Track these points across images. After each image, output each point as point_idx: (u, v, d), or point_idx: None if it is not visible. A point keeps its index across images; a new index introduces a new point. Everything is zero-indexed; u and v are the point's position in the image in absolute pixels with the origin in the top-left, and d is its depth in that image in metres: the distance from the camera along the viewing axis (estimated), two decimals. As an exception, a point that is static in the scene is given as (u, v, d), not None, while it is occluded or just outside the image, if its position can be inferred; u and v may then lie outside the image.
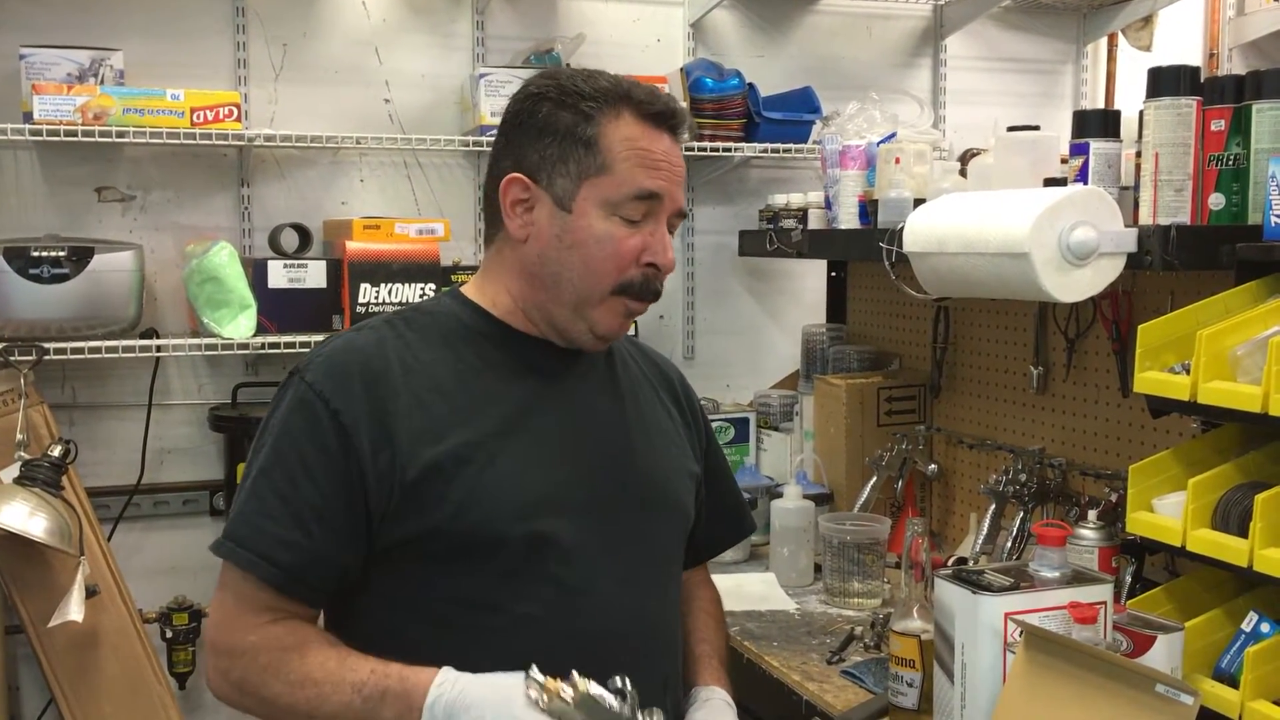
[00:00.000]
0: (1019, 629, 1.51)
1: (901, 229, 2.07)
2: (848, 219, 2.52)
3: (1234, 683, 1.56)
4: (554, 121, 1.42)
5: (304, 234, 2.90)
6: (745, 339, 3.39)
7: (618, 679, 1.30)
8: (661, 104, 1.45)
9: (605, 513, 1.46)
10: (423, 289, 2.78)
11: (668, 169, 1.44)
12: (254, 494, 1.38)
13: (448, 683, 1.30)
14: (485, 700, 1.27)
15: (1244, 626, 1.60)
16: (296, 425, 1.39)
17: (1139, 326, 1.70)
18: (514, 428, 1.43)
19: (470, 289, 1.52)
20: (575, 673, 1.28)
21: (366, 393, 1.38)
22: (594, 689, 1.27)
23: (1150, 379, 1.68)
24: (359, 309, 2.74)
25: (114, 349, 2.60)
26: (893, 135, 2.49)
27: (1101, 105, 3.58)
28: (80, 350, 2.57)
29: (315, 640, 1.37)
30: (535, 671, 1.27)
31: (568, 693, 1.26)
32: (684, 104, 2.96)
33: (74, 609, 2.42)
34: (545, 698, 1.26)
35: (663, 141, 1.44)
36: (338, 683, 1.32)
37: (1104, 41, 3.63)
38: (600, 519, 1.45)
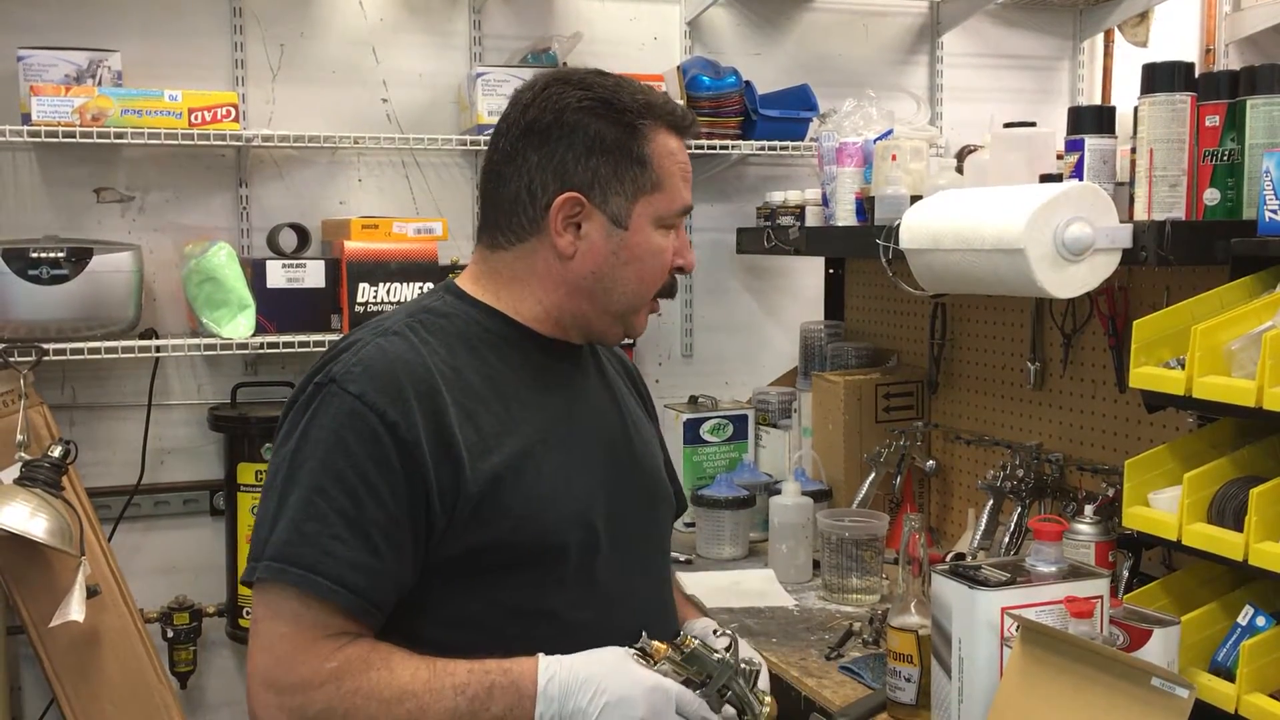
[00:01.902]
0: (1016, 624, 1.52)
1: (898, 226, 2.08)
2: (845, 216, 2.53)
3: (1230, 676, 1.56)
4: (602, 138, 1.41)
5: (302, 234, 2.91)
6: (743, 336, 3.40)
7: (720, 630, 1.36)
8: (683, 114, 1.48)
9: (625, 513, 1.49)
10: (421, 288, 2.78)
11: (690, 179, 1.50)
12: (311, 514, 1.29)
13: (554, 664, 1.31)
14: (598, 673, 1.29)
15: (1240, 620, 1.61)
16: (350, 440, 1.31)
17: (1134, 322, 1.70)
18: (550, 434, 1.43)
19: (480, 292, 1.48)
20: (682, 633, 1.33)
21: (420, 405, 1.33)
22: (698, 644, 1.33)
23: (1146, 374, 1.68)
24: (357, 308, 2.75)
25: (113, 349, 2.61)
26: (889, 132, 2.49)
27: (1098, 101, 3.58)
28: (80, 351, 2.58)
29: (399, 653, 1.31)
30: (645, 639, 1.33)
31: (674, 653, 1.31)
32: (683, 102, 2.97)
33: (75, 609, 2.42)
34: (653, 660, 1.31)
35: (685, 151, 1.49)
36: (437, 690, 1.28)
37: (1100, 38, 3.63)
38: (623, 518, 1.48)
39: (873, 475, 2.62)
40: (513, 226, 1.45)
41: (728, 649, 1.35)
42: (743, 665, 1.36)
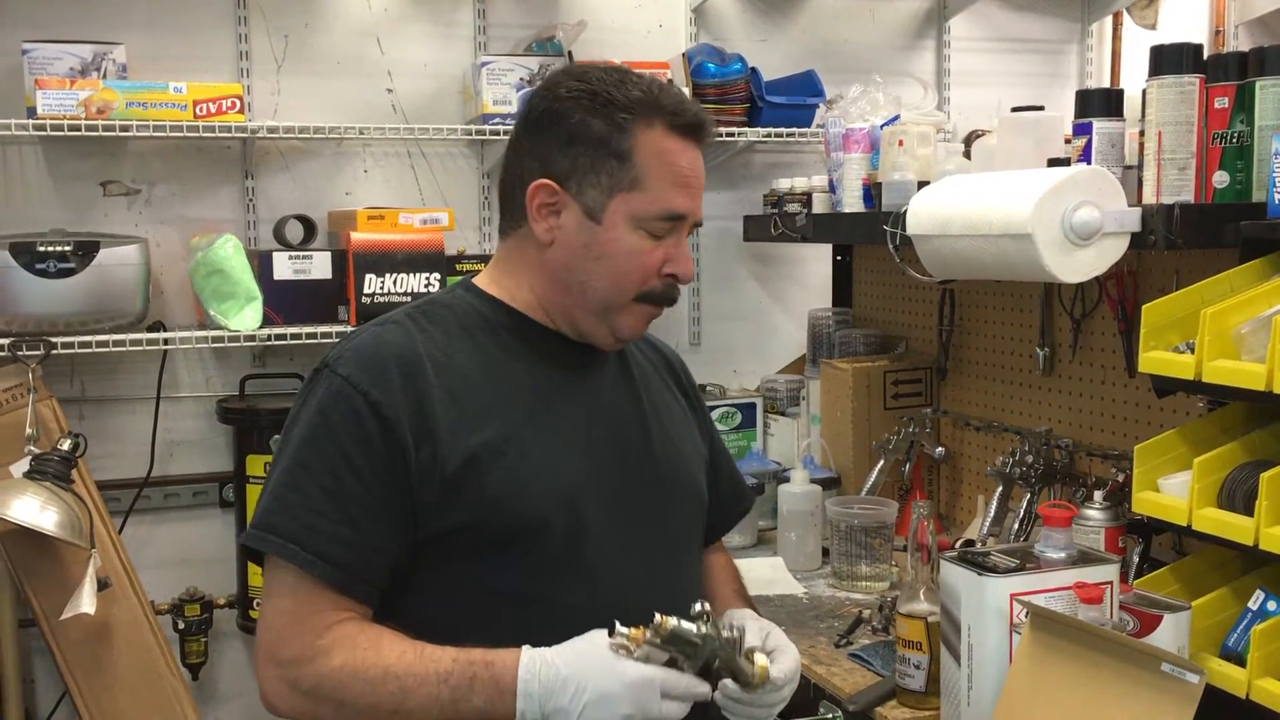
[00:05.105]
0: (1025, 610, 1.51)
1: (905, 212, 2.07)
2: (852, 202, 2.52)
3: (1241, 661, 1.56)
4: (586, 130, 1.41)
5: (308, 225, 2.91)
6: (751, 324, 3.39)
7: (697, 604, 1.32)
8: (691, 115, 1.44)
9: (628, 502, 1.48)
10: (428, 279, 2.78)
11: (695, 185, 1.45)
12: (293, 486, 1.35)
13: (536, 660, 1.30)
14: (580, 671, 1.29)
15: (1250, 605, 1.60)
16: (335, 418, 1.36)
17: (1143, 306, 1.70)
18: (540, 418, 1.44)
19: (485, 282, 1.53)
20: (657, 614, 1.30)
21: (404, 385, 1.37)
22: (676, 623, 1.30)
23: (1155, 359, 1.67)
24: (364, 299, 2.74)
25: (121, 342, 2.61)
26: (896, 118, 2.48)
27: (1107, 85, 3.56)
28: (88, 344, 2.58)
29: (388, 635, 1.34)
30: (619, 627, 1.30)
31: (652, 636, 1.29)
32: (688, 90, 2.95)
33: (86, 601, 2.43)
34: (631, 647, 1.29)
35: (689, 155, 1.44)
36: (422, 675, 1.30)
37: (1109, 20, 3.61)
38: (624, 509, 1.47)
39: (881, 462, 2.61)
40: (510, 213, 1.50)
41: (706, 621, 1.32)
42: (723, 634, 1.34)
